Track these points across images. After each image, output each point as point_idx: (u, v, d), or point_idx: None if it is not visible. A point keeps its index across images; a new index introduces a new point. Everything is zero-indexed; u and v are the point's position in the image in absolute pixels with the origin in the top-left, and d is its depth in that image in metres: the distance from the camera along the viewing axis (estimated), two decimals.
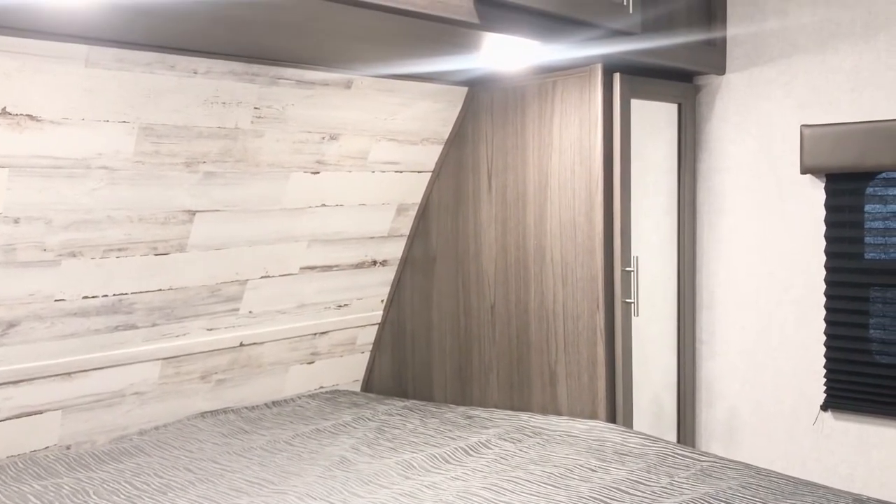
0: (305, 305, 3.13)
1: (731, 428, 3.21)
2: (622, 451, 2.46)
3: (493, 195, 3.12)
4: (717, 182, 3.20)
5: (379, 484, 2.25)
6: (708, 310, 3.25)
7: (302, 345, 3.19)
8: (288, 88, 2.57)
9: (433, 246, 3.33)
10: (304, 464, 2.44)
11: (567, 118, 2.88)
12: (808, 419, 3.03)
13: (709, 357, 3.26)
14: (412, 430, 2.76)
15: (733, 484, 2.15)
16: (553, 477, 2.26)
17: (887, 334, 2.86)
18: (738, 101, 3.12)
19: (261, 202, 2.76)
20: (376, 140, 2.94)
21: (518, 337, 3.09)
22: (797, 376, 3.04)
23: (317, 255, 3.05)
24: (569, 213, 2.90)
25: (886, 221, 2.83)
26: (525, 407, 3.07)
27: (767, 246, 3.09)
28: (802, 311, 3.01)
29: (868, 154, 2.76)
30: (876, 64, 2.80)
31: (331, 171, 2.89)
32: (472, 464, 2.40)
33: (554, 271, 2.96)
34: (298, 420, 2.89)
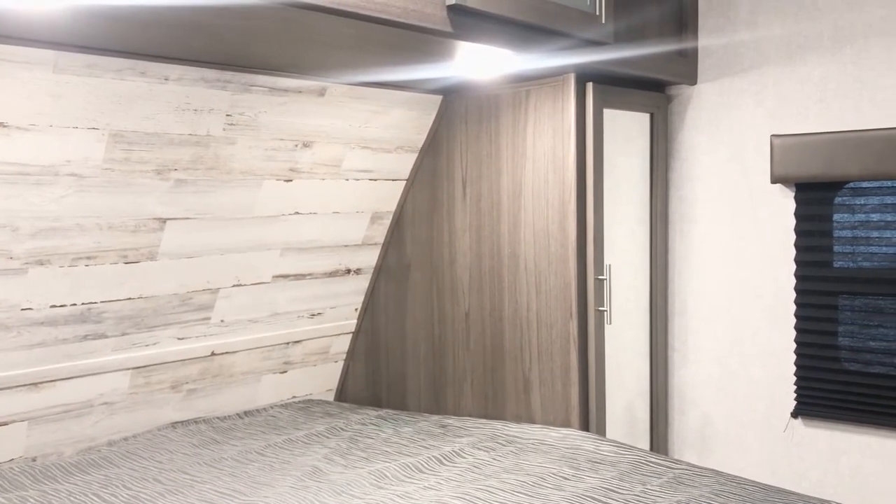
0: (278, 314, 3.10)
1: (704, 435, 3.23)
2: (595, 459, 2.46)
3: (467, 203, 3.12)
4: (689, 191, 3.23)
5: (351, 494, 2.23)
6: (680, 317, 3.27)
7: (274, 354, 3.16)
8: (260, 95, 2.55)
9: (407, 254, 3.33)
10: (276, 474, 2.42)
11: (540, 127, 2.89)
12: (779, 426, 3.06)
13: (681, 365, 3.28)
14: (385, 439, 2.74)
15: (705, 491, 2.16)
16: (526, 486, 2.26)
17: (855, 342, 2.89)
18: (710, 111, 3.15)
19: (233, 210, 2.74)
20: (350, 148, 2.94)
21: (492, 345, 3.09)
22: (768, 384, 3.07)
23: (290, 263, 3.03)
24: (542, 222, 2.91)
25: (854, 230, 2.87)
26: (499, 415, 3.07)
27: (739, 254, 3.12)
28: (773, 319, 3.05)
29: (836, 164, 2.80)
30: (843, 75, 2.84)
31: (304, 179, 2.88)
32: (446, 473, 2.39)
33: (528, 279, 2.97)
34: (270, 430, 2.87)
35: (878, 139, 2.71)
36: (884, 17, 2.76)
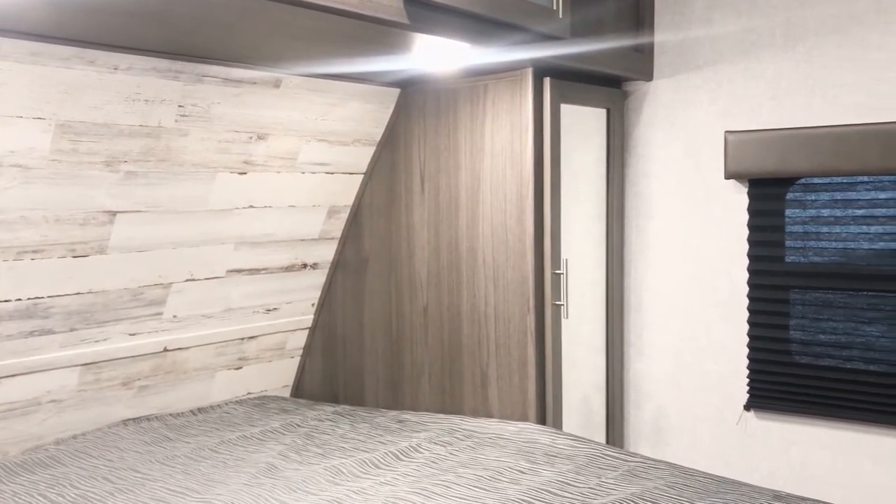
0: (232, 309, 3.06)
1: (659, 428, 3.27)
2: (551, 452, 2.47)
3: (425, 198, 3.11)
4: (645, 187, 3.25)
5: (306, 490, 2.21)
6: (636, 312, 3.30)
7: (229, 350, 3.11)
8: (214, 86, 2.51)
9: (365, 248, 3.30)
10: (230, 471, 2.38)
11: (498, 121, 2.89)
12: (732, 419, 3.10)
13: (637, 359, 3.31)
14: (342, 435, 2.72)
15: (659, 484, 2.18)
16: (483, 480, 2.26)
17: (806, 335, 2.95)
18: (665, 107, 3.18)
19: (185, 203, 2.68)
20: (306, 140, 2.90)
21: (450, 339, 3.08)
22: (722, 377, 3.11)
23: (244, 257, 2.99)
24: (500, 217, 2.91)
25: (805, 226, 2.93)
26: (456, 410, 3.07)
27: (693, 249, 3.15)
28: (727, 313, 3.09)
29: (788, 160, 2.84)
30: (795, 73, 2.89)
31: (259, 172, 2.83)
32: (403, 468, 2.38)
33: (486, 274, 2.97)
34: (225, 427, 2.82)
35: (829, 136, 2.76)
36: (835, 16, 2.80)
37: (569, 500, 2.09)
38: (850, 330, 2.85)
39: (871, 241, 2.80)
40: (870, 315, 2.82)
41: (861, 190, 2.80)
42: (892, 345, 2.77)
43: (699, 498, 2.07)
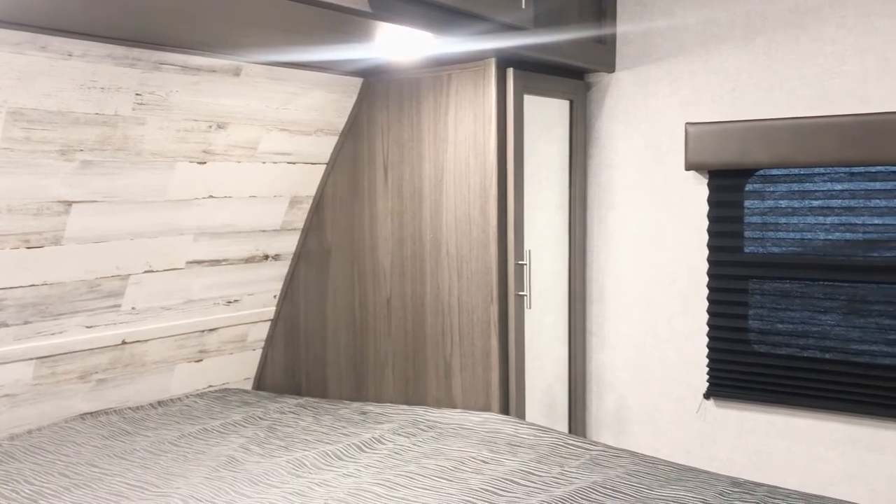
0: (192, 301, 3.01)
1: (620, 417, 3.30)
2: (514, 442, 2.48)
3: (389, 188, 3.09)
4: (607, 178, 3.27)
5: (268, 483, 2.19)
6: (598, 302, 3.32)
7: (189, 342, 3.07)
8: (172, 74, 2.46)
9: (328, 239, 3.28)
10: (190, 465, 2.35)
11: (462, 112, 2.88)
12: (692, 408, 3.14)
13: (599, 349, 3.33)
14: (305, 427, 2.70)
15: (621, 472, 2.20)
16: (446, 470, 2.26)
17: (764, 324, 2.99)
18: (627, 99, 3.20)
19: (143, 193, 2.64)
20: (267, 130, 2.86)
21: (414, 330, 3.07)
22: (682, 366, 3.15)
23: (204, 248, 2.94)
24: (464, 207, 2.91)
25: (764, 217, 2.97)
26: (420, 401, 3.06)
27: (654, 240, 3.18)
28: (687, 303, 3.12)
29: (747, 152, 2.88)
30: (754, 66, 2.93)
31: (218, 162, 2.79)
32: (366, 460, 2.37)
33: (449, 264, 2.96)
34: (185, 420, 2.79)
35: (787, 128, 2.80)
36: (792, 10, 2.84)
37: (531, 489, 2.10)
38: (807, 319, 2.91)
39: (827, 231, 2.85)
40: (825, 304, 2.87)
41: (818, 181, 2.85)
42: (847, 333, 2.83)
43: (659, 486, 2.10)
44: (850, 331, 2.83)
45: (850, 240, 2.81)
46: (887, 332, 2.76)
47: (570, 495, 2.05)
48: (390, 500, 2.06)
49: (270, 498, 2.08)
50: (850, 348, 2.82)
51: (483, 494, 2.07)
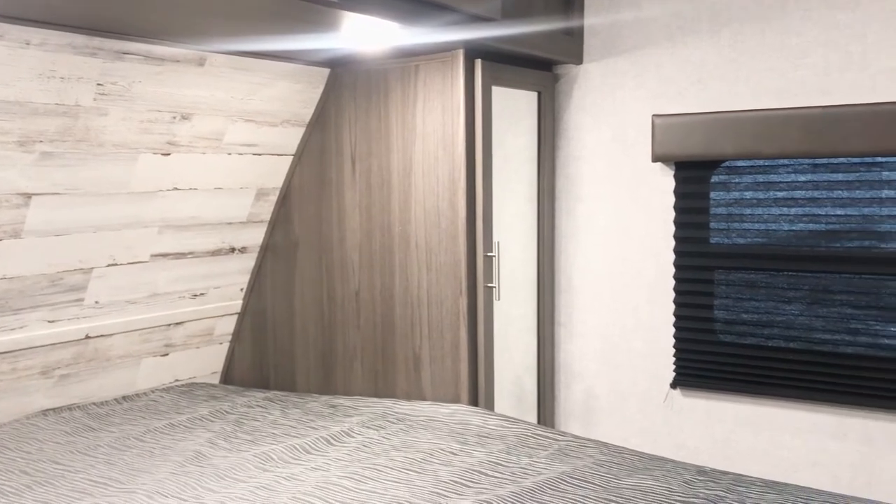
0: (158, 295, 2.97)
1: (589, 407, 3.32)
2: (483, 433, 2.48)
3: (357, 180, 3.07)
4: (575, 170, 3.28)
5: (235, 478, 2.17)
6: (566, 293, 3.34)
7: (154, 336, 3.03)
8: (135, 64, 2.41)
9: (295, 232, 3.25)
10: (156, 460, 2.32)
11: (430, 103, 2.87)
12: (659, 397, 3.17)
13: (567, 339, 3.35)
14: (273, 421, 2.68)
15: (588, 462, 2.22)
16: (415, 462, 2.25)
17: (730, 314, 3.03)
18: (595, 91, 3.21)
19: (106, 185, 2.59)
20: (232, 121, 2.83)
21: (383, 323, 3.06)
22: (649, 356, 3.18)
23: (169, 241, 2.90)
24: (433, 199, 2.90)
25: (729, 208, 3.00)
26: (389, 393, 3.06)
27: (622, 231, 3.20)
28: (654, 293, 3.15)
29: (712, 143, 2.90)
30: (719, 58, 2.95)
31: (183, 153, 2.75)
32: (334, 453, 2.36)
33: (418, 257, 2.96)
34: (151, 415, 2.75)
35: (752, 120, 2.83)
36: (757, 3, 2.87)
37: (500, 480, 2.11)
38: (771, 309, 2.94)
39: (791, 222, 2.88)
40: (790, 294, 2.91)
41: (782, 173, 2.88)
42: (810, 323, 2.87)
43: (627, 475, 2.11)
44: (813, 320, 2.87)
45: (814, 230, 2.85)
46: (849, 322, 2.80)
47: (538, 486, 2.05)
48: (359, 493, 2.05)
49: (237, 492, 2.06)
50: (814, 337, 2.86)
51: (452, 486, 2.07)
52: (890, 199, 2.71)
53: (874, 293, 2.76)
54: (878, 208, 2.72)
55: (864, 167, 2.73)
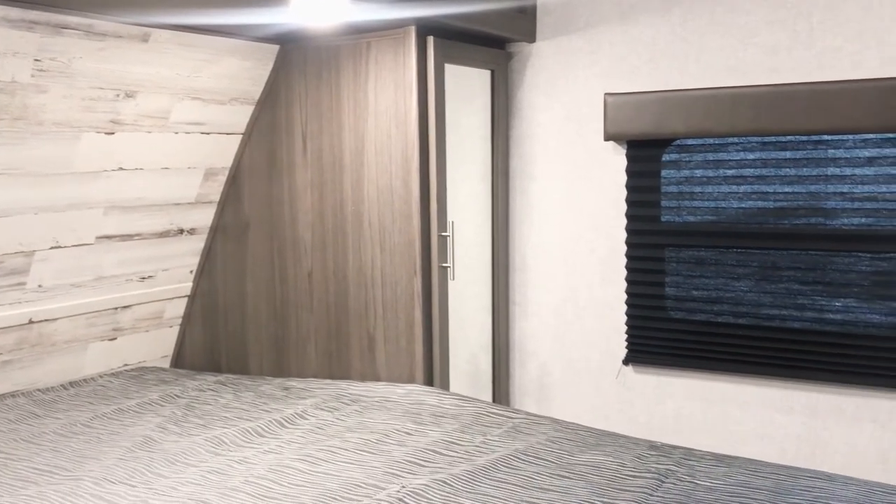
0: (104, 278, 2.90)
1: (543, 385, 3.35)
2: (438, 413, 2.48)
3: (308, 159, 3.03)
4: (528, 148, 3.28)
5: (186, 462, 2.13)
6: (521, 272, 3.34)
7: (101, 320, 2.96)
8: (75, 39, 2.33)
9: (246, 213, 3.19)
10: (104, 446, 2.27)
11: (382, 81, 2.83)
12: (611, 374, 3.21)
13: (521, 318, 3.36)
14: (224, 405, 2.64)
15: (542, 439, 2.23)
16: (369, 443, 2.24)
17: (681, 291, 3.07)
18: (548, 69, 3.21)
19: (47, 165, 2.51)
20: (178, 99, 2.75)
21: (336, 304, 3.03)
22: (602, 333, 3.21)
23: (115, 223, 2.83)
24: (386, 178, 2.87)
25: (680, 186, 3.03)
26: (344, 375, 3.04)
27: (574, 210, 3.21)
28: (606, 271, 3.17)
29: (664, 122, 2.92)
30: (671, 36, 2.96)
31: (128, 132, 2.68)
32: (287, 436, 2.33)
33: (372, 237, 2.93)
34: (99, 400, 2.69)
35: (702, 98, 2.85)
36: None
37: (454, 458, 2.11)
38: (721, 285, 2.99)
39: (741, 200, 2.92)
40: (739, 271, 2.96)
41: (731, 151, 2.92)
42: (759, 298, 2.92)
43: (579, 451, 2.13)
44: (761, 296, 2.92)
45: (762, 208, 2.89)
46: (796, 297, 2.86)
47: (492, 463, 2.06)
48: (313, 475, 2.03)
49: (188, 477, 2.03)
50: (762, 313, 2.92)
51: (406, 466, 2.07)
52: (835, 176, 2.76)
53: (820, 269, 2.82)
54: (824, 185, 2.78)
55: (811, 145, 2.78)
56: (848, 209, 2.75)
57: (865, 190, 2.72)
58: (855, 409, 2.79)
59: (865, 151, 2.71)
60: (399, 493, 1.90)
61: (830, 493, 1.84)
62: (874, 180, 2.71)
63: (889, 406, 2.74)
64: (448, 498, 1.88)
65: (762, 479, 1.93)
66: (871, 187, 2.71)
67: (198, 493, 1.94)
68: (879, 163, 2.69)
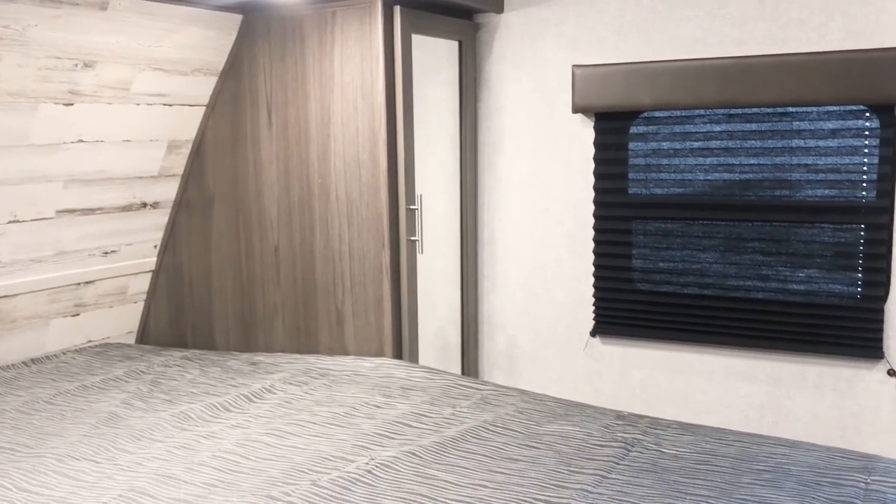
0: (65, 253, 2.84)
1: (511, 357, 3.36)
2: (407, 385, 2.48)
3: (273, 132, 2.98)
4: (497, 121, 3.26)
5: (152, 438, 2.11)
6: (489, 245, 3.34)
7: (63, 296, 2.90)
8: (29, 6, 2.26)
9: (210, 186, 3.14)
10: (67, 423, 2.24)
11: (348, 51, 2.79)
12: (579, 345, 3.23)
13: (490, 291, 3.37)
14: (191, 380, 2.61)
15: (510, 409, 2.24)
16: (338, 417, 2.24)
17: (647, 263, 3.09)
18: (516, 41, 3.18)
19: (2, 136, 2.44)
20: (139, 69, 2.69)
21: (304, 279, 3.01)
22: (570, 306, 3.22)
23: (76, 196, 2.77)
24: (353, 151, 2.84)
25: (647, 158, 3.04)
26: (312, 349, 3.02)
27: (542, 183, 3.21)
28: (574, 244, 3.18)
29: (631, 94, 2.92)
30: (638, 7, 2.95)
31: (87, 103, 2.61)
32: (255, 410, 2.32)
33: (339, 210, 2.90)
34: (62, 377, 2.65)
35: (669, 70, 2.86)
36: None
37: (423, 430, 2.11)
38: (687, 257, 3.02)
39: (707, 172, 2.94)
40: (705, 243, 2.98)
41: (698, 123, 2.93)
42: (724, 270, 2.96)
43: (547, 421, 2.15)
44: (726, 267, 2.95)
45: (728, 180, 2.91)
46: (760, 268, 2.89)
47: (461, 434, 2.07)
48: (281, 449, 2.02)
49: (154, 452, 2.01)
50: (727, 284, 2.95)
51: (375, 438, 2.07)
52: (800, 148, 2.78)
53: (784, 240, 2.85)
54: (788, 157, 2.80)
55: (776, 117, 2.80)
56: (812, 181, 2.78)
57: (829, 162, 2.75)
58: (817, 377, 2.85)
59: (829, 123, 2.74)
60: (368, 465, 1.89)
61: (793, 459, 1.88)
62: (837, 152, 2.74)
63: (849, 374, 2.80)
64: (417, 469, 1.88)
65: (727, 447, 1.96)
66: (834, 159, 2.75)
67: (164, 467, 1.92)
68: (842, 135, 2.72)
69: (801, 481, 1.76)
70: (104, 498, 1.77)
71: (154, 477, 1.87)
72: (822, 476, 1.78)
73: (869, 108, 2.66)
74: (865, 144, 2.69)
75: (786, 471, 1.81)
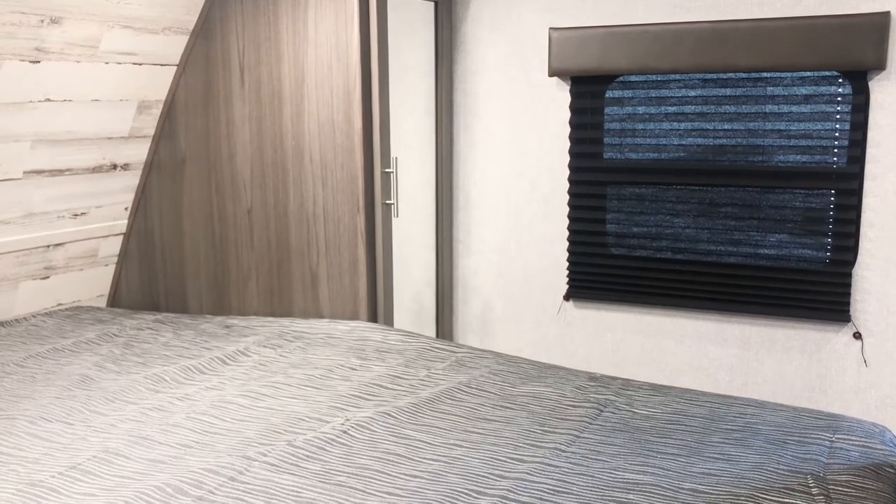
0: (34, 214, 2.79)
1: (486, 321, 3.38)
2: (382, 348, 2.49)
3: (246, 92, 2.94)
4: (473, 84, 3.24)
5: (125, 400, 2.10)
6: (464, 209, 3.34)
7: (32, 259, 2.86)
8: None
9: (182, 147, 3.10)
10: (39, 385, 2.21)
11: (322, 10, 2.75)
12: (553, 309, 3.26)
13: (465, 255, 3.37)
14: (164, 343, 2.60)
15: (485, 371, 2.26)
16: (314, 379, 2.24)
17: (621, 228, 3.11)
18: (492, 3, 3.15)
19: None
20: (108, 27, 2.63)
21: (277, 241, 2.99)
22: (544, 270, 3.24)
23: (43, 157, 2.71)
24: (327, 112, 2.81)
25: (622, 123, 3.04)
26: (286, 312, 3.01)
27: (518, 147, 3.21)
28: (549, 208, 3.19)
29: (607, 58, 2.91)
30: None
31: (54, 61, 2.55)
32: (229, 373, 2.31)
33: (314, 173, 2.88)
34: (32, 340, 2.62)
35: (645, 34, 2.85)
36: None
37: (399, 391, 2.12)
38: (661, 222, 3.04)
39: (681, 137, 2.95)
40: (678, 208, 3.00)
41: (673, 88, 2.93)
42: (697, 235, 2.98)
43: (522, 382, 2.17)
44: (699, 232, 2.98)
45: (702, 145, 2.93)
46: (732, 233, 2.93)
47: (436, 396, 2.08)
48: (256, 410, 2.03)
49: (128, 414, 2.00)
50: (700, 248, 2.98)
51: (351, 400, 2.07)
52: (773, 113, 2.80)
53: (755, 205, 2.88)
54: (762, 123, 2.82)
55: (751, 82, 2.81)
56: (784, 146, 2.81)
57: (801, 127, 2.78)
58: (785, 340, 2.90)
59: (802, 89, 2.76)
60: (343, 425, 1.90)
61: (761, 418, 1.92)
62: (810, 118, 2.76)
63: (816, 337, 2.85)
64: (392, 429, 1.89)
65: (697, 407, 1.99)
66: (806, 125, 2.77)
67: (138, 429, 1.91)
68: (815, 100, 2.74)
69: (769, 440, 1.80)
70: (78, 459, 1.76)
71: (128, 438, 1.86)
72: (789, 435, 1.82)
73: (842, 74, 2.68)
74: (837, 111, 2.72)
75: (754, 430, 1.85)
